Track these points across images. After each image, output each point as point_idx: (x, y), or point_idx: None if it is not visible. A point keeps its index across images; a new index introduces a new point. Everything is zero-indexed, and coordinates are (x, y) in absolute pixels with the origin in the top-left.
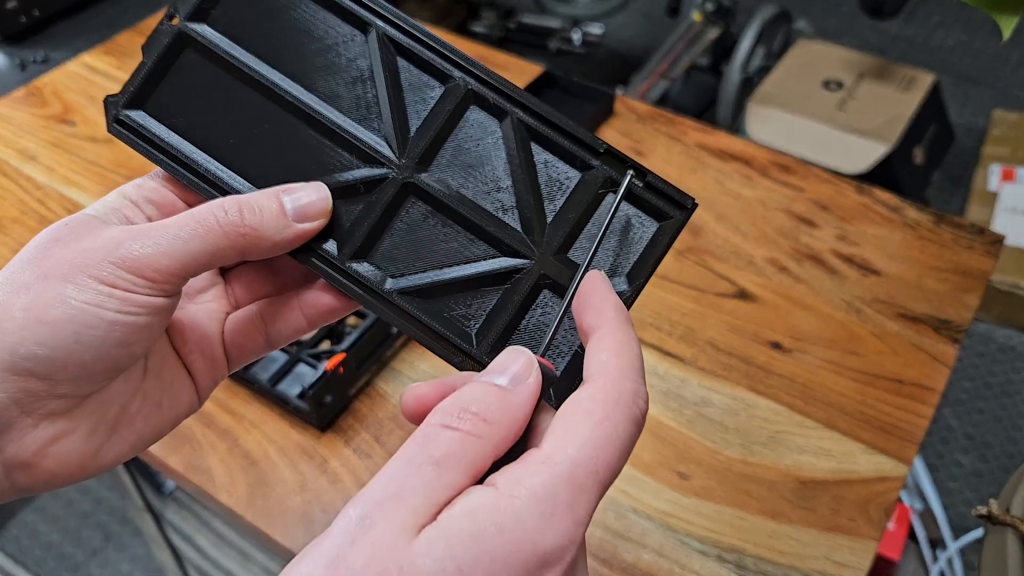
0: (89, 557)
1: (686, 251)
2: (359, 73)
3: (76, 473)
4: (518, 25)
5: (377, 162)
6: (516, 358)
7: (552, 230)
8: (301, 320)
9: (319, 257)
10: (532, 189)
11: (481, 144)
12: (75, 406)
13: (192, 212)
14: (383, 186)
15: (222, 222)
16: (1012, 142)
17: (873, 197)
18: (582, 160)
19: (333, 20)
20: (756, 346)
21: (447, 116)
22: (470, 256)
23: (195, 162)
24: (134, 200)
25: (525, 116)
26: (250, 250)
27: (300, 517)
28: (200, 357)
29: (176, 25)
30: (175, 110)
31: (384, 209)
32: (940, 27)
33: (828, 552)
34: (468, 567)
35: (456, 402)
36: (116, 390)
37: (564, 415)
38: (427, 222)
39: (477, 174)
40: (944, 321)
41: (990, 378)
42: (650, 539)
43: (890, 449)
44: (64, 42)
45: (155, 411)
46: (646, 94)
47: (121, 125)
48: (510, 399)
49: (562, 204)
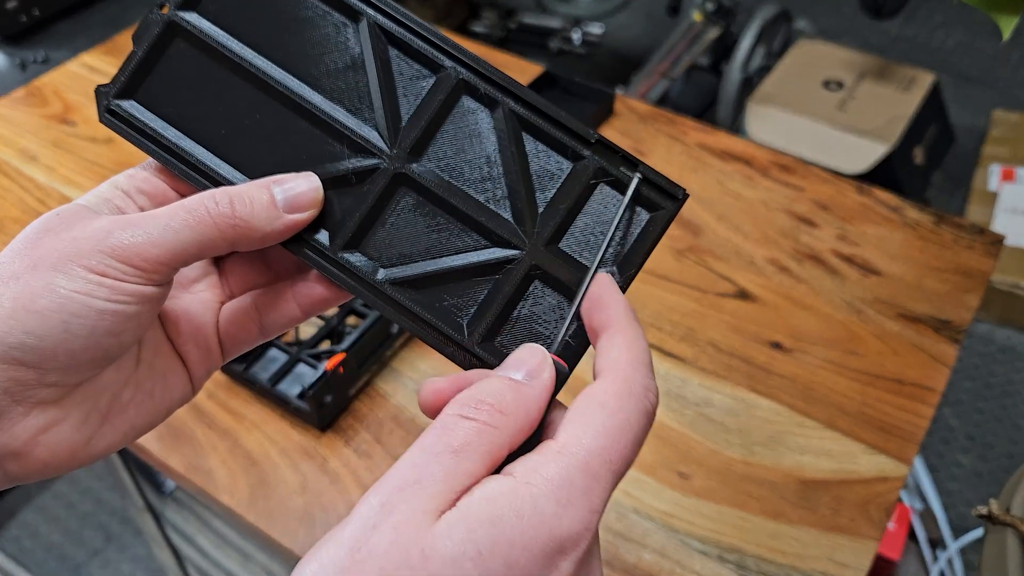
0: (90, 557)
1: (687, 251)
2: (350, 62)
3: (68, 462)
4: (519, 25)
5: (368, 152)
6: (532, 354)
7: (543, 220)
8: (295, 310)
9: (311, 248)
10: (523, 179)
11: (472, 134)
12: (66, 395)
13: (183, 202)
14: (374, 176)
15: (213, 213)
16: (1012, 142)
17: (873, 197)
18: (573, 150)
19: (324, 9)
20: (757, 346)
21: (438, 106)
22: (461, 246)
23: (186, 152)
24: (126, 190)
25: (516, 106)
26: (241, 241)
27: (301, 517)
28: (194, 347)
29: (166, 14)
30: (166, 100)
31: (376, 199)
32: (940, 27)
33: (829, 552)
34: (487, 551)
35: (473, 394)
36: (108, 379)
37: (578, 407)
38: (419, 212)
39: (468, 164)
40: (944, 321)
41: (990, 378)
42: (651, 539)
43: (890, 449)
44: (64, 42)
45: (148, 400)
46: (646, 94)
47: (112, 115)
48: (526, 392)
49: (553, 194)
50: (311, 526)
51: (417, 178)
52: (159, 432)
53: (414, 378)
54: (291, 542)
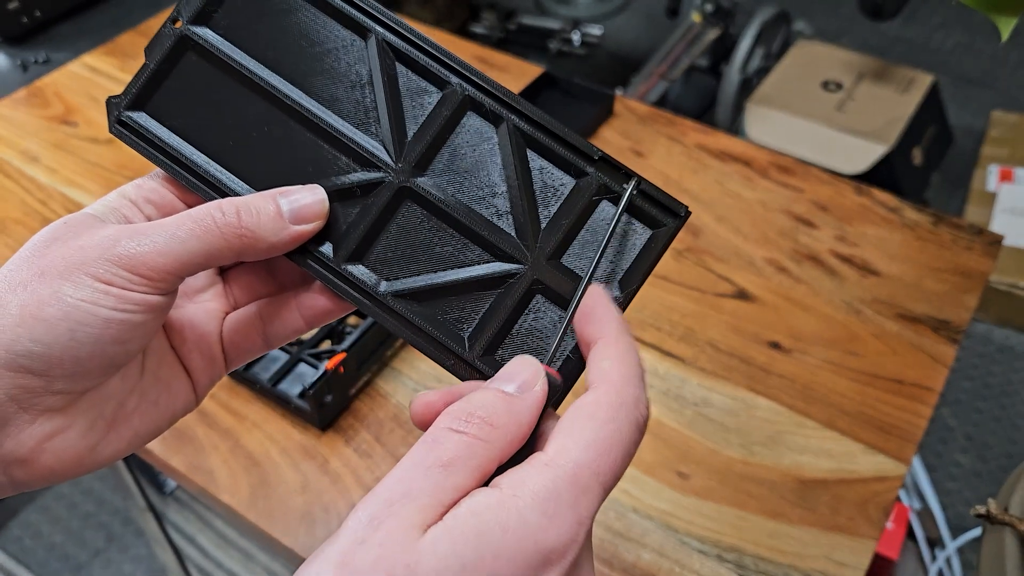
0: (92, 557)
1: (686, 251)
2: (358, 78)
3: (73, 468)
4: (518, 26)
5: (374, 166)
6: (524, 366)
7: (546, 236)
8: (299, 321)
9: (315, 259)
10: (527, 195)
11: (477, 149)
12: (72, 402)
13: (190, 212)
14: (379, 190)
15: (219, 223)
16: (1011, 143)
17: (872, 198)
18: (576, 167)
19: (333, 25)
20: (756, 346)
21: (444, 121)
22: (464, 260)
23: (194, 163)
24: (133, 200)
25: (521, 122)
26: (247, 251)
27: (302, 517)
28: (198, 356)
29: (179, 28)
30: (176, 112)
31: (380, 213)
32: (939, 29)
33: (827, 551)
34: (472, 564)
35: (464, 407)
36: (113, 387)
37: (569, 419)
38: (422, 226)
39: (473, 179)
40: (943, 321)
41: (989, 378)
42: (650, 539)
43: (889, 449)
44: (66, 43)
45: (152, 408)
46: (646, 95)
47: (123, 126)
48: (517, 405)
49: (556, 210)
50: (312, 525)
51: (421, 192)
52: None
53: (414, 378)
54: (292, 541)
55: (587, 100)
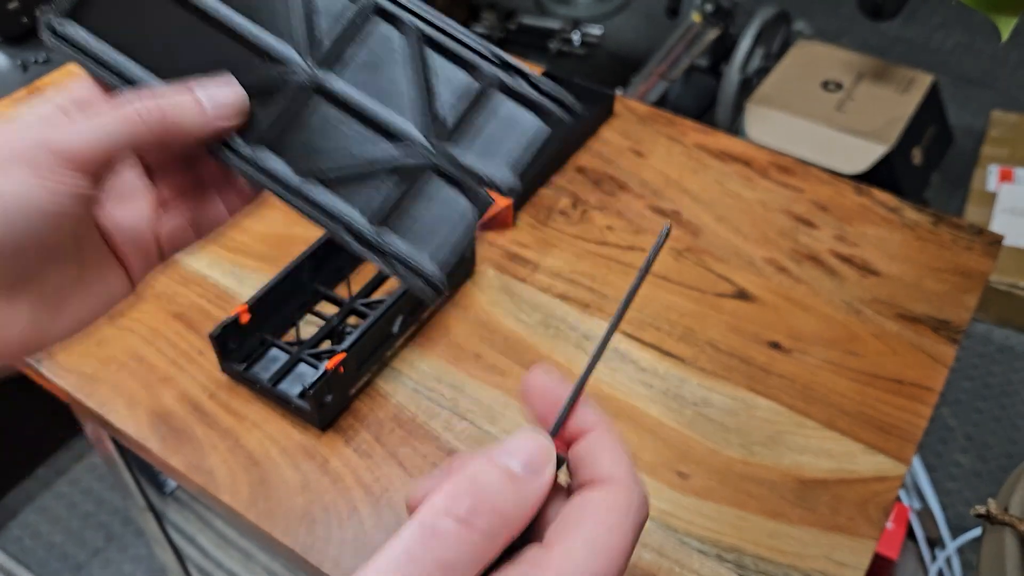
0: (91, 557)
1: (686, 251)
2: None
3: (18, 351)
4: (518, 26)
5: (286, 65)
6: (535, 445)
7: (447, 127)
8: (222, 211)
9: (232, 152)
10: (427, 91)
11: (383, 49)
12: (13, 289)
13: (113, 102)
14: (291, 87)
15: (142, 112)
16: (1011, 143)
17: (872, 198)
18: (473, 64)
19: None
20: (756, 346)
21: (348, 24)
22: (372, 151)
23: (121, 66)
24: (62, 105)
25: (424, 26)
26: (169, 140)
27: (302, 517)
28: (132, 248)
29: None
30: (105, 21)
31: (292, 107)
32: (939, 29)
33: (827, 551)
34: None
35: (468, 488)
36: (52, 277)
37: (576, 516)
38: (332, 120)
39: (379, 76)
40: (943, 321)
41: (989, 378)
42: (650, 539)
43: (889, 449)
44: None
45: (90, 296)
46: (646, 95)
47: (53, 32)
48: (524, 491)
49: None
50: (312, 525)
51: (328, 87)
52: (160, 432)
53: (414, 378)
54: (292, 541)
55: (587, 100)
